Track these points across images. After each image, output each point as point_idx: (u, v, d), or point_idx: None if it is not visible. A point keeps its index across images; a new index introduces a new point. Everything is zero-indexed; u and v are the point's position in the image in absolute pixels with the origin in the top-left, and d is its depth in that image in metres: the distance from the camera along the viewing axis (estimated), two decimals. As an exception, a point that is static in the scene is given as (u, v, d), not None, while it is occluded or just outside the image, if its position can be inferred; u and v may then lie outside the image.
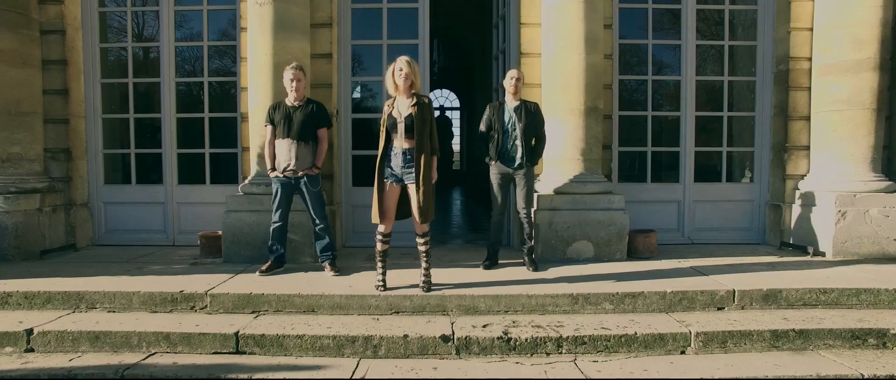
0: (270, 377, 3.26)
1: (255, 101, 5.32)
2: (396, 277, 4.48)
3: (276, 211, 4.69)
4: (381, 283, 4.17)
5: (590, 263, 5.04)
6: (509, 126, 4.82)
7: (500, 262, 5.03)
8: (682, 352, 3.65)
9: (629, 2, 6.00)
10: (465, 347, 3.60)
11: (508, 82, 4.84)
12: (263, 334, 3.65)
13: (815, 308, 4.12)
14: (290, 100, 4.67)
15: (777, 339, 3.69)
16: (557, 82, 5.33)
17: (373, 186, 4.17)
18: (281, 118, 4.62)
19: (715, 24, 6.25)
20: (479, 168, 5.16)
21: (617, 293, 4.13)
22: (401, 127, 4.03)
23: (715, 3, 6.12)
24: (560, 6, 5.26)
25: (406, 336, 3.61)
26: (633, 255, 5.31)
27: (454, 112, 22.76)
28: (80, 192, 6.10)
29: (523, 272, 4.72)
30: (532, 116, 4.82)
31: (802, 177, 5.89)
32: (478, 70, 14.15)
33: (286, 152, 4.58)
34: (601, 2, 5.39)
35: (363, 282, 4.40)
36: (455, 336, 3.61)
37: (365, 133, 6.24)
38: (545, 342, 3.62)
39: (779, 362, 3.46)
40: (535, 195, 5.22)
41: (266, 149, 4.75)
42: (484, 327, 3.77)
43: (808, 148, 5.88)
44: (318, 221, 4.72)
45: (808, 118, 5.86)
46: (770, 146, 6.09)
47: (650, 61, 6.08)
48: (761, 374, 3.29)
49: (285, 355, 3.59)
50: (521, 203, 4.86)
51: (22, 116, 5.52)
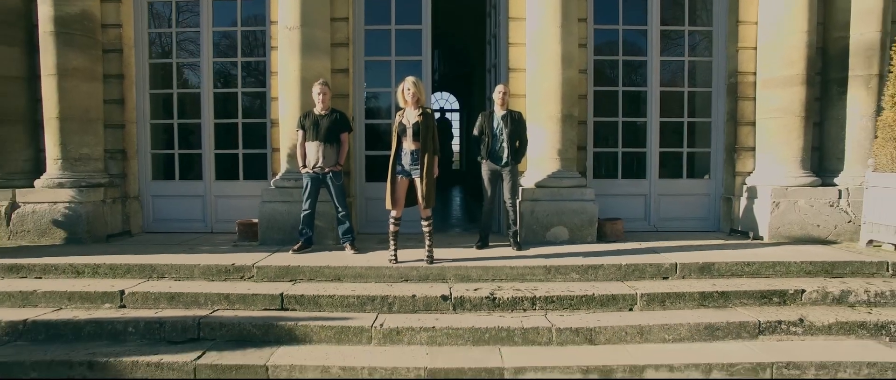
0: (311, 324, 4.28)
1: (285, 110, 6.35)
2: (404, 254, 5.50)
3: (306, 201, 5.71)
4: (393, 257, 5.20)
5: (565, 244, 6.07)
6: (498, 131, 5.85)
7: (490, 244, 6.05)
8: (630, 309, 4.67)
9: (602, 24, 7.02)
10: (459, 304, 4.62)
11: (497, 95, 5.87)
12: (302, 295, 4.68)
13: (740, 277, 5.14)
14: (318, 109, 5.70)
15: (704, 299, 4.72)
16: (539, 94, 6.36)
17: (383, 181, 5.21)
18: (310, 124, 5.65)
19: (683, 36, 7.27)
20: (477, 169, 6.15)
21: (582, 266, 5.15)
22: (409, 132, 5.06)
23: (675, 25, 7.14)
24: (541, 30, 6.29)
25: (414, 296, 4.64)
26: (602, 238, 6.33)
27: (454, 114, 23.82)
28: (133, 186, 7.13)
29: (509, 251, 5.75)
30: (516, 123, 5.84)
31: (749, 174, 6.92)
32: (476, 75, 15.16)
33: (315, 152, 5.61)
34: (576, 26, 6.42)
35: (378, 258, 5.43)
36: (452, 296, 4.64)
37: (376, 136, 7.28)
38: (522, 301, 4.64)
39: (702, 315, 4.49)
40: (520, 188, 6.24)
41: (298, 149, 5.77)
42: (475, 290, 4.80)
43: (753, 149, 6.91)
44: (340, 209, 5.75)
45: (753, 124, 6.89)
46: (723, 148, 7.12)
47: (621, 75, 7.10)
48: (685, 321, 4.33)
49: (320, 311, 4.61)
50: (507, 195, 5.88)
51: (90, 122, 6.55)
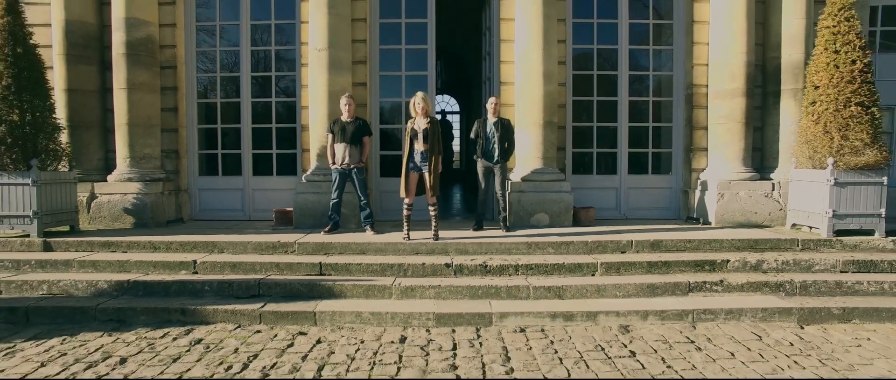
0: (345, 284, 5.60)
1: (314, 117, 7.67)
2: (415, 234, 6.81)
3: (335, 191, 7.03)
4: (406, 236, 6.52)
5: (545, 228, 7.38)
6: (490, 135, 7.16)
7: (484, 227, 7.36)
8: (592, 274, 5.98)
9: (580, 44, 8.34)
10: (459, 270, 5.94)
11: (490, 105, 7.18)
12: (336, 263, 6.00)
13: (682, 252, 6.45)
14: (344, 117, 7.01)
15: (651, 267, 6.03)
16: (525, 104, 7.68)
17: (395, 176, 6.52)
18: (338, 129, 6.96)
19: (647, 54, 8.57)
20: (475, 168, 7.43)
21: (556, 242, 6.47)
22: (420, 136, 6.39)
23: (641, 43, 8.45)
24: (526, 51, 7.60)
25: (423, 264, 5.96)
26: (577, 223, 7.64)
27: (454, 116, 25.19)
28: (184, 181, 8.45)
29: (499, 232, 7.05)
30: (506, 129, 7.16)
31: (702, 170, 8.23)
32: (474, 82, 16.47)
33: (342, 152, 6.92)
34: (556, 47, 7.74)
35: (393, 237, 6.74)
36: (453, 264, 5.96)
37: (388, 139, 8.59)
38: (508, 268, 5.96)
39: (647, 278, 5.80)
40: (508, 182, 7.55)
41: (328, 149, 7.09)
42: (471, 260, 6.11)
43: (706, 149, 8.22)
44: (362, 199, 7.07)
45: (705, 128, 8.20)
46: (682, 148, 8.43)
47: (596, 87, 8.42)
48: (633, 282, 5.64)
49: (350, 276, 5.93)
50: (498, 187, 7.19)
51: (151, 127, 7.87)
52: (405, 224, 6.58)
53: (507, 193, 7.34)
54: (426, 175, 6.44)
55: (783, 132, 7.75)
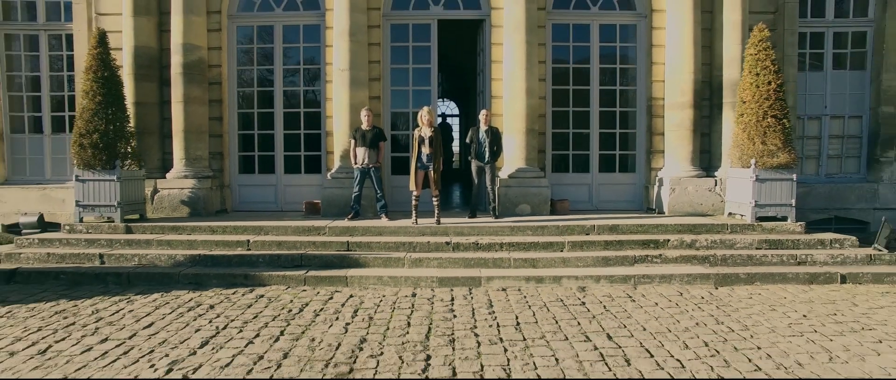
0: (368, 256, 7.24)
1: (338, 126, 9.32)
2: (421, 220, 8.43)
3: (357, 186, 8.66)
4: (414, 221, 8.17)
5: (527, 216, 9.01)
6: (482, 140, 8.79)
7: (477, 215, 9.00)
8: (561, 250, 7.62)
9: (557, 65, 9.98)
10: (456, 247, 7.58)
11: (482, 117, 8.82)
12: (360, 242, 7.64)
13: (635, 234, 8.08)
14: (364, 126, 8.65)
15: (607, 245, 7.67)
16: (511, 115, 9.32)
17: (405, 174, 8.16)
18: (359, 136, 8.59)
19: (615, 72, 10.21)
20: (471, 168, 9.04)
21: (534, 226, 8.11)
22: (426, 142, 8.03)
23: (609, 63, 10.09)
24: (512, 72, 9.25)
25: (428, 242, 7.60)
26: (554, 213, 9.27)
27: (454, 119, 26.87)
28: (227, 178, 10.09)
29: (489, 219, 8.69)
30: (495, 135, 8.79)
31: (660, 169, 9.86)
32: (471, 89, 18.09)
33: (362, 154, 8.55)
34: (537, 67, 9.38)
35: (404, 223, 8.37)
36: (452, 243, 7.60)
37: (398, 143, 10.21)
38: (494, 246, 7.60)
39: (603, 253, 7.44)
40: (497, 178, 9.19)
41: (351, 152, 8.72)
42: (466, 239, 7.75)
43: (663, 152, 9.85)
44: (379, 192, 8.70)
45: (662, 134, 9.84)
46: (645, 151, 10.07)
47: (571, 99, 10.05)
48: (592, 255, 7.28)
49: (371, 251, 7.56)
50: (489, 183, 8.83)
51: (201, 133, 9.52)
52: (414, 212, 8.24)
53: (496, 187, 8.98)
54: (431, 173, 8.10)
55: (724, 138, 9.38)
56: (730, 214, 8.89)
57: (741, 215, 8.59)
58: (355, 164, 8.66)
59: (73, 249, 7.67)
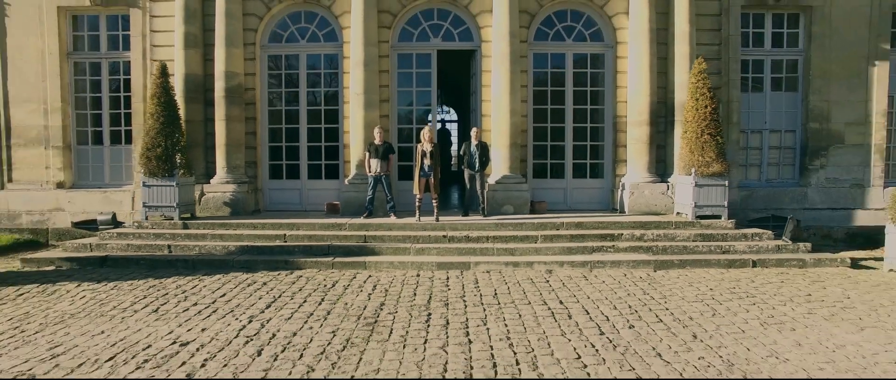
0: (381, 246, 9.14)
1: (354, 140, 11.21)
2: (423, 218, 10.31)
3: (371, 191, 10.53)
4: (418, 219, 10.07)
5: (511, 215, 10.89)
6: (473, 153, 10.67)
7: (469, 214, 10.88)
8: (535, 242, 9.51)
9: (537, 87, 11.88)
10: (451, 239, 9.47)
11: (473, 133, 10.72)
12: (374, 235, 9.54)
13: (596, 229, 9.95)
14: (377, 141, 10.53)
15: (572, 238, 9.57)
16: (498, 131, 11.21)
17: (410, 180, 10.06)
18: (373, 149, 10.47)
19: (587, 94, 12.07)
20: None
21: (515, 223, 10.00)
22: (427, 155, 9.93)
23: (581, 86, 11.97)
24: (498, 95, 11.14)
25: (429, 235, 9.51)
26: (533, 212, 11.15)
27: (453, 124, 28.83)
28: (259, 183, 11.97)
29: (479, 218, 10.56)
30: (484, 149, 10.68)
31: (623, 176, 11.74)
32: (467, 100, 19.98)
33: (375, 165, 10.42)
34: (520, 91, 11.27)
35: (410, 220, 10.25)
36: (448, 236, 9.50)
37: (402, 154, 12.09)
38: (482, 238, 9.49)
39: (568, 244, 9.34)
40: (486, 184, 11.06)
41: (366, 162, 10.59)
42: (459, 233, 9.64)
43: (625, 161, 11.74)
44: (388, 196, 10.59)
45: (625, 146, 11.72)
46: (611, 160, 11.95)
47: (549, 116, 11.94)
48: (559, 246, 9.18)
49: (383, 243, 9.45)
50: (479, 188, 10.71)
51: (239, 146, 11.42)
52: (417, 212, 10.14)
53: (485, 191, 10.87)
54: (431, 180, 10.00)
55: (676, 150, 11.26)
56: (678, 213, 10.78)
57: (685, 214, 10.47)
58: (369, 172, 10.55)
59: (145, 241, 9.57)
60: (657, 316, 6.36)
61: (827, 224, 12.02)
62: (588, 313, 6.43)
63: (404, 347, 5.33)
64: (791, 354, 5.21)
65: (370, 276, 8.28)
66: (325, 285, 7.69)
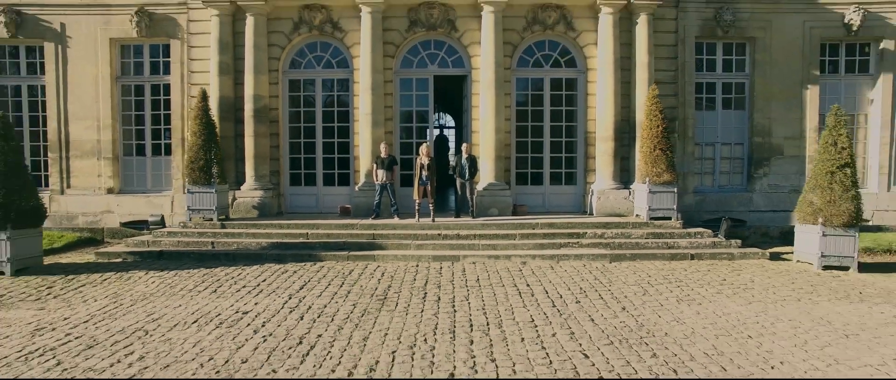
0: (387, 243, 11.14)
1: (363, 152, 13.21)
2: (421, 219, 12.30)
3: (377, 196, 12.50)
4: (417, 220, 12.07)
5: (495, 217, 12.87)
6: (464, 165, 12.64)
7: (461, 216, 12.86)
8: (514, 239, 11.50)
9: (519, 107, 13.87)
10: (444, 237, 11.47)
11: (463, 148, 12.71)
12: (381, 233, 11.55)
13: (565, 228, 11.93)
14: (382, 154, 12.50)
15: (545, 236, 11.56)
16: (485, 145, 13.20)
17: (410, 187, 12.07)
18: (379, 162, 12.44)
19: (562, 113, 14.04)
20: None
21: (498, 223, 12.00)
22: (424, 167, 11.93)
23: (557, 106, 13.95)
24: (485, 115, 13.13)
25: (426, 233, 11.51)
26: (515, 215, 13.13)
27: (450, 130, 30.85)
28: (282, 189, 13.95)
29: (469, 219, 12.51)
30: (473, 161, 12.67)
31: (592, 183, 13.72)
32: (461, 111, 21.96)
33: (382, 175, 12.39)
34: (504, 111, 13.26)
35: (410, 221, 12.23)
36: (442, 233, 11.50)
37: (405, 164, 14.09)
38: (470, 236, 11.49)
39: (541, 240, 11.33)
40: (475, 190, 13.04)
41: (373, 172, 12.57)
42: (452, 232, 11.64)
43: (595, 170, 13.72)
44: (393, 200, 12.57)
45: (594, 158, 13.69)
46: (583, 170, 13.94)
47: (530, 132, 13.92)
48: (533, 242, 11.17)
49: (389, 240, 11.44)
50: (469, 194, 12.70)
51: (265, 158, 13.39)
52: (416, 214, 12.14)
53: (473, 196, 12.85)
54: (428, 188, 11.99)
55: (636, 161, 13.23)
56: (636, 215, 12.76)
57: (642, 216, 12.45)
58: (376, 181, 12.53)
59: (191, 238, 11.56)
60: (600, 295, 8.35)
61: (768, 224, 13.99)
62: (547, 293, 8.42)
63: (406, 314, 7.33)
64: (688, 319, 7.19)
65: (379, 266, 10.27)
66: (344, 273, 9.69)
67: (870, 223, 13.78)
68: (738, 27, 13.85)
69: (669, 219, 12.21)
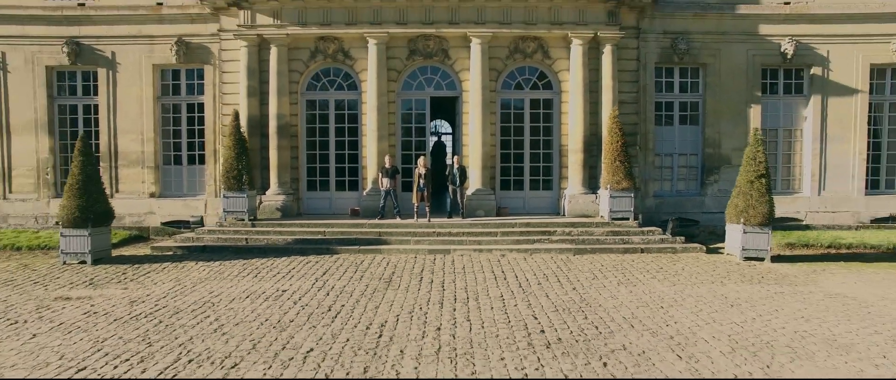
0: (391, 239, 13.48)
1: (370, 163, 15.54)
2: (419, 219, 14.62)
3: (383, 200, 14.81)
4: (416, 220, 14.41)
5: (482, 217, 15.18)
6: (455, 174, 14.96)
7: (453, 216, 15.18)
8: (495, 236, 13.82)
9: (503, 124, 16.19)
10: (438, 234, 13.80)
11: (455, 160, 15.05)
12: (386, 231, 13.89)
13: (539, 227, 14.24)
14: (387, 165, 14.82)
15: (521, 233, 13.89)
16: (474, 157, 15.53)
17: (410, 192, 14.41)
18: (383, 171, 14.75)
19: (540, 128, 16.35)
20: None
21: (483, 223, 14.33)
22: (422, 177, 14.26)
23: (536, 123, 16.28)
24: (474, 131, 15.45)
25: (423, 232, 13.85)
26: (498, 215, 15.44)
27: (448, 136, 33.19)
28: (300, 194, 16.27)
29: (459, 219, 14.82)
30: (462, 171, 15.00)
31: (565, 189, 16.04)
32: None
33: (386, 183, 14.70)
34: (490, 128, 15.59)
35: (410, 221, 14.55)
36: (436, 232, 13.84)
37: (405, 172, 16.41)
38: (459, 234, 13.83)
39: (518, 237, 13.67)
40: (466, 194, 15.36)
41: (379, 181, 14.88)
42: (444, 229, 13.97)
43: (567, 178, 16.04)
44: (395, 204, 14.89)
45: (567, 167, 16.01)
46: (557, 177, 16.26)
47: (512, 145, 16.24)
48: (511, 239, 13.50)
49: (392, 236, 13.76)
50: (459, 198, 15.02)
51: (286, 167, 15.72)
52: (415, 215, 14.49)
53: (463, 200, 15.17)
54: (425, 193, 14.33)
55: (602, 169, 15.53)
56: (601, 216, 15.08)
57: (605, 217, 14.77)
58: (381, 187, 14.85)
59: (227, 235, 13.90)
60: (558, 279, 10.68)
61: (717, 224, 16.21)
62: (517, 278, 10.75)
63: (407, 292, 9.66)
64: (621, 296, 9.51)
65: (384, 257, 12.60)
66: (356, 263, 12.02)
67: (803, 223, 16.18)
68: (691, 55, 16.17)
69: (628, 219, 14.53)
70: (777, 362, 6.55)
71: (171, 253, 13.22)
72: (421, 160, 14.52)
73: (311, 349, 6.88)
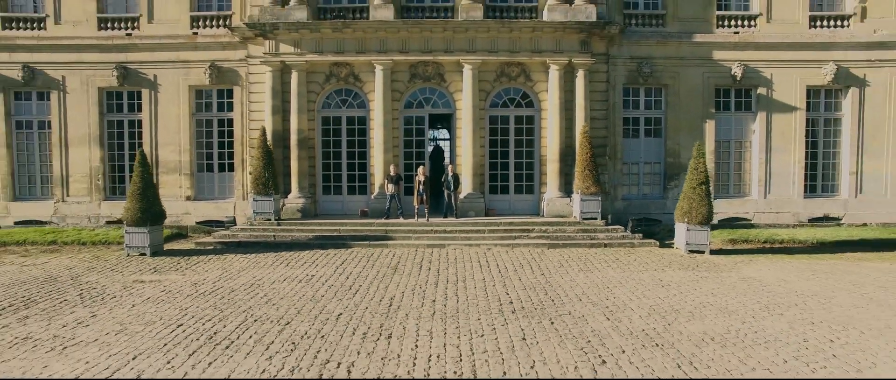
0: (396, 235, 16.05)
1: (377, 170, 18.10)
2: (419, 219, 17.17)
3: (388, 203, 17.35)
4: (416, 220, 16.97)
5: (473, 218, 17.71)
6: (450, 180, 17.49)
7: (448, 216, 17.73)
8: (483, 234, 16.38)
9: (491, 136, 18.75)
10: (435, 232, 16.36)
11: (449, 168, 17.61)
12: (391, 229, 16.46)
13: (520, 226, 16.79)
14: (392, 173, 17.35)
15: (505, 231, 16.45)
16: (466, 166, 18.07)
17: (411, 196, 16.97)
18: (389, 178, 17.27)
19: (523, 141, 18.89)
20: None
21: (473, 222, 16.89)
22: (422, 183, 16.83)
23: (520, 136, 18.83)
24: (466, 143, 18.01)
25: (423, 230, 16.42)
26: (487, 216, 17.98)
27: (445, 142, 35.78)
28: (317, 197, 18.85)
29: (454, 219, 17.37)
30: (456, 178, 17.54)
31: (544, 193, 18.59)
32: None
33: (391, 187, 17.24)
34: (480, 140, 18.15)
35: (412, 221, 17.10)
36: (434, 230, 16.40)
37: (407, 179, 18.96)
38: (453, 232, 16.39)
39: (502, 234, 16.24)
40: (459, 198, 17.90)
41: (385, 186, 17.42)
42: (440, 228, 16.53)
43: (546, 184, 18.60)
44: (399, 206, 17.43)
45: (546, 174, 18.57)
46: (538, 183, 18.80)
47: (499, 155, 18.79)
48: (496, 236, 16.07)
49: (397, 233, 16.32)
50: (453, 201, 17.56)
51: (305, 174, 18.28)
52: (416, 215, 17.07)
53: (457, 203, 17.72)
54: (424, 197, 16.90)
55: (575, 176, 18.07)
56: (574, 216, 17.64)
57: (577, 217, 17.32)
58: (387, 192, 17.40)
59: (258, 233, 16.46)
60: (531, 268, 13.24)
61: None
62: (498, 266, 13.31)
63: (409, 276, 12.23)
64: (579, 280, 12.07)
65: (390, 251, 15.16)
66: (368, 255, 14.59)
67: (751, 222, 18.73)
68: (654, 77, 18.73)
69: (596, 219, 17.09)
70: (678, 321, 9.11)
71: (211, 247, 15.78)
72: (420, 169, 17.09)
73: (341, 313, 9.45)
